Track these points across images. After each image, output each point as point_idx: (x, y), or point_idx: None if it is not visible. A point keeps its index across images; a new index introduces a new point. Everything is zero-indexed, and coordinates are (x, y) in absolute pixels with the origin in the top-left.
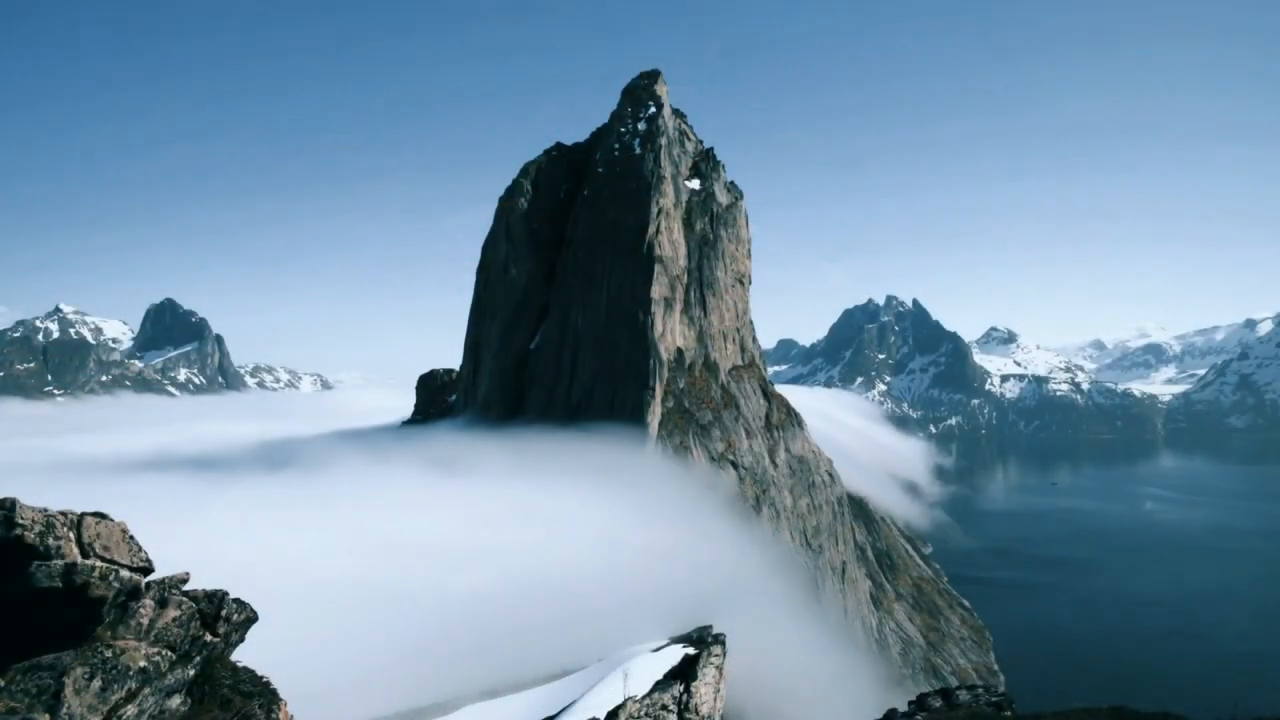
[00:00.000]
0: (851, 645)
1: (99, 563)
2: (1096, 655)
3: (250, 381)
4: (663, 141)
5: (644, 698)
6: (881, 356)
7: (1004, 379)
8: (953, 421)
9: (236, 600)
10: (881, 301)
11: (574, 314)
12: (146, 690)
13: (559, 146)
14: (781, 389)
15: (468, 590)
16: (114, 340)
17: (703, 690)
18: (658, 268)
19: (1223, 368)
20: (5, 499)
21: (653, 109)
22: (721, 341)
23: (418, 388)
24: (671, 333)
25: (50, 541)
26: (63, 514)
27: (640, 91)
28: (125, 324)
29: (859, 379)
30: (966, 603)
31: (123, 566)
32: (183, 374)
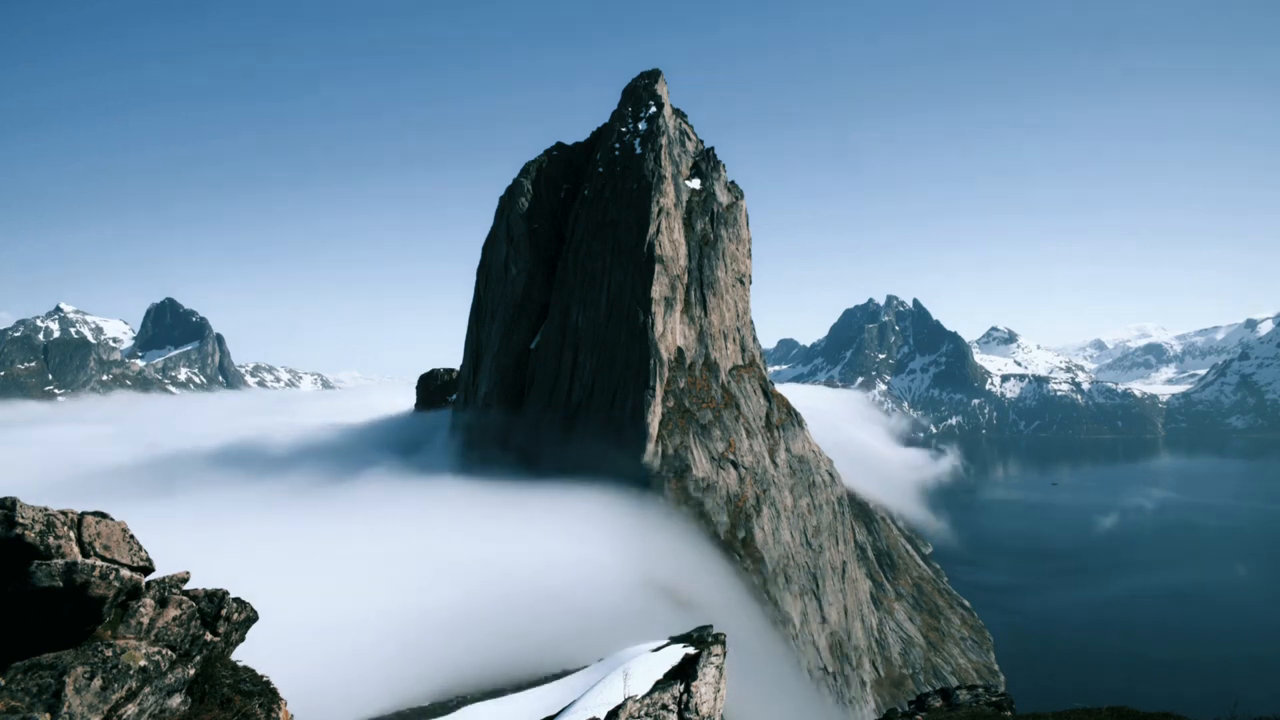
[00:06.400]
0: (811, 683)
1: (99, 562)
2: (1096, 655)
3: (250, 381)
4: (663, 141)
5: (644, 698)
6: (882, 356)
7: (1004, 379)
8: (953, 421)
9: (237, 600)
10: (882, 301)
11: (574, 313)
12: (147, 689)
13: (559, 146)
14: (782, 388)
15: (468, 591)
16: (115, 340)
17: (703, 690)
18: (658, 267)
19: (1223, 368)
20: (6, 498)
21: (653, 109)
22: (722, 341)
23: (418, 387)
24: (672, 332)
25: (50, 541)
26: (63, 513)
27: (641, 91)
28: (126, 323)
29: (859, 379)
30: (966, 603)
31: (123, 566)
32: (183, 373)
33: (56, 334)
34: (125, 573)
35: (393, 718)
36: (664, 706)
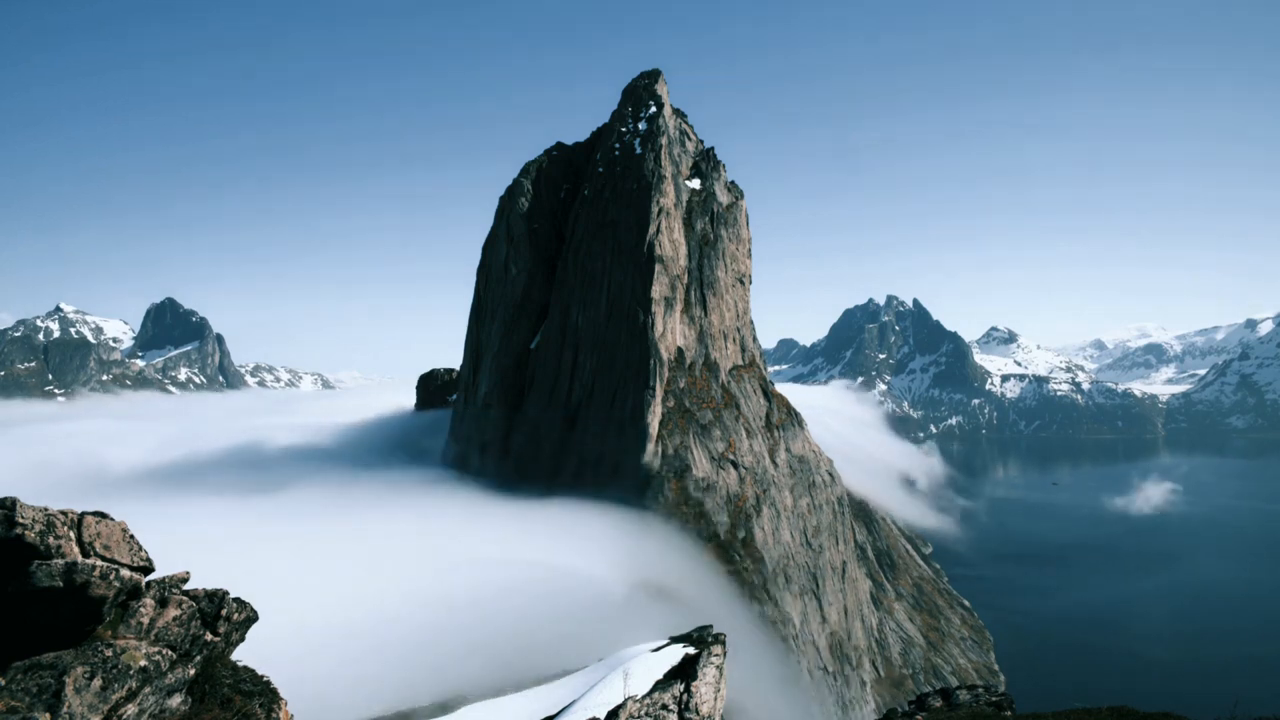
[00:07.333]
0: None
1: (99, 562)
2: (1096, 655)
3: (250, 381)
4: (663, 141)
5: (644, 697)
6: (882, 356)
7: (1004, 379)
8: (953, 421)
9: (237, 599)
10: (882, 301)
11: (574, 313)
12: (147, 689)
13: (560, 146)
14: (782, 388)
15: (468, 591)
16: (115, 340)
17: (703, 690)
18: (658, 267)
19: (1223, 368)
20: (6, 498)
21: (653, 109)
22: (722, 341)
23: (418, 387)
24: (672, 332)
25: (51, 541)
26: (63, 513)
27: (641, 91)
28: (126, 323)
29: (859, 379)
30: (966, 603)
31: (123, 565)
32: (183, 373)
33: (56, 334)
34: (125, 573)
35: (393, 717)
36: (664, 706)
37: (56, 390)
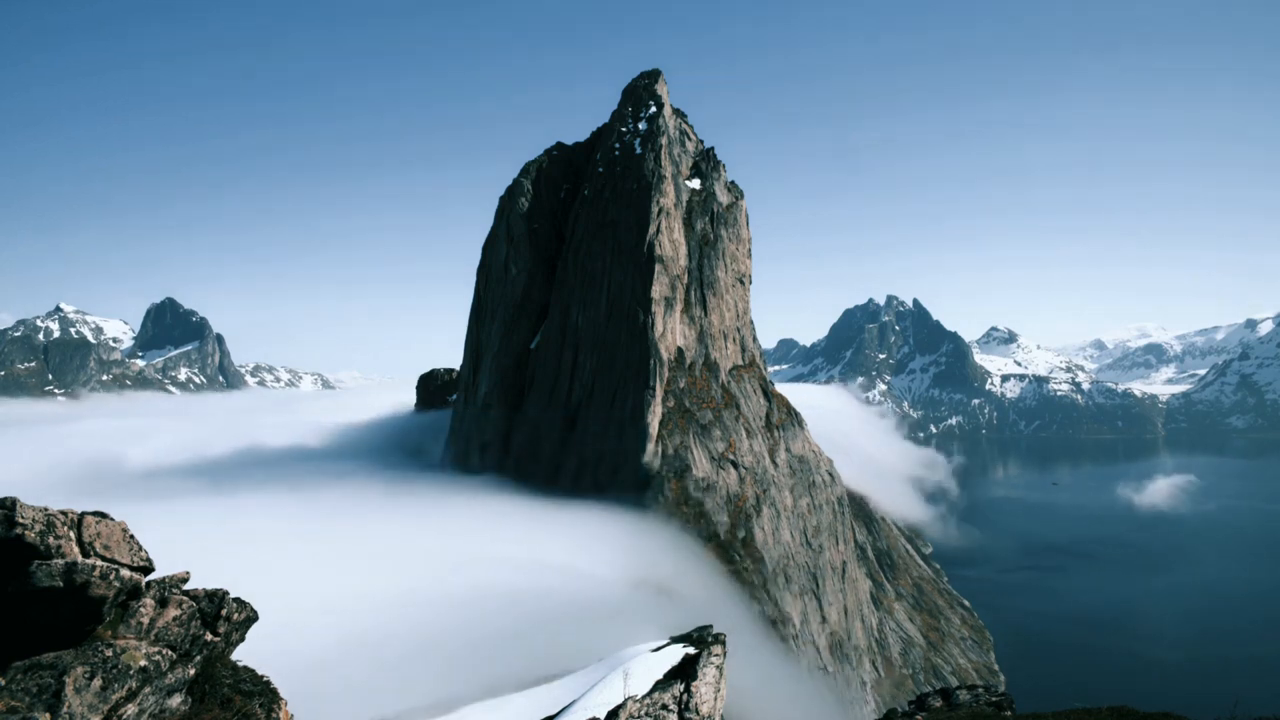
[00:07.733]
0: (810, 677)
1: (99, 562)
2: (1096, 655)
3: (250, 381)
4: (663, 141)
5: (644, 697)
6: (882, 356)
7: (1004, 379)
8: (953, 421)
9: (237, 600)
10: (882, 301)
11: (574, 313)
12: (147, 689)
13: (560, 146)
14: (782, 388)
15: (468, 591)
16: (115, 340)
17: (703, 690)
18: (658, 267)
19: (1223, 368)
20: (6, 498)
21: (653, 109)
22: (722, 341)
23: (418, 387)
24: (672, 332)
25: (51, 541)
26: (63, 513)
27: (641, 91)
28: (126, 323)
29: (859, 379)
30: (966, 603)
31: (123, 565)
32: (183, 373)
33: (56, 334)
34: (125, 573)
35: (393, 718)
36: (664, 706)
37: (56, 390)
